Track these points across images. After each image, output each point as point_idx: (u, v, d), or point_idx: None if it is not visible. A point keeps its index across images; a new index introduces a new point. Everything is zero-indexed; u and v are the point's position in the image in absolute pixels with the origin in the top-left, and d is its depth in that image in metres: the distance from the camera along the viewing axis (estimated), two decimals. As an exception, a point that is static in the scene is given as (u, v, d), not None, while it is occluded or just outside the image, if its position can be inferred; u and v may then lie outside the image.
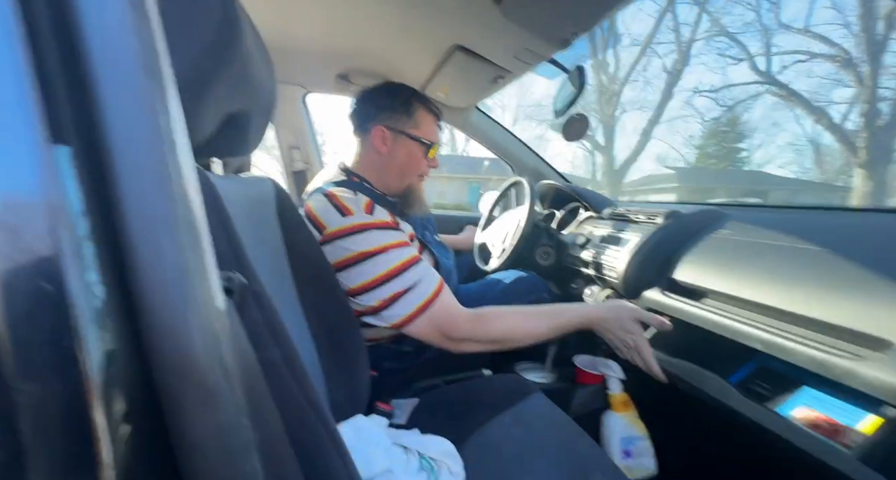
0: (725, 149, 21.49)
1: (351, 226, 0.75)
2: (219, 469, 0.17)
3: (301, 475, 0.28)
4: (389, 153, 0.89)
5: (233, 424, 0.17)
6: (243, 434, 0.17)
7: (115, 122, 0.15)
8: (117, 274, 0.15)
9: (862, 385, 0.48)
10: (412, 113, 0.89)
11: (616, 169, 18.17)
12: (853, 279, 0.55)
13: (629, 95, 20.03)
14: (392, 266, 0.75)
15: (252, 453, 0.18)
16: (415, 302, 0.76)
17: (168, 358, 0.15)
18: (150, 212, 0.14)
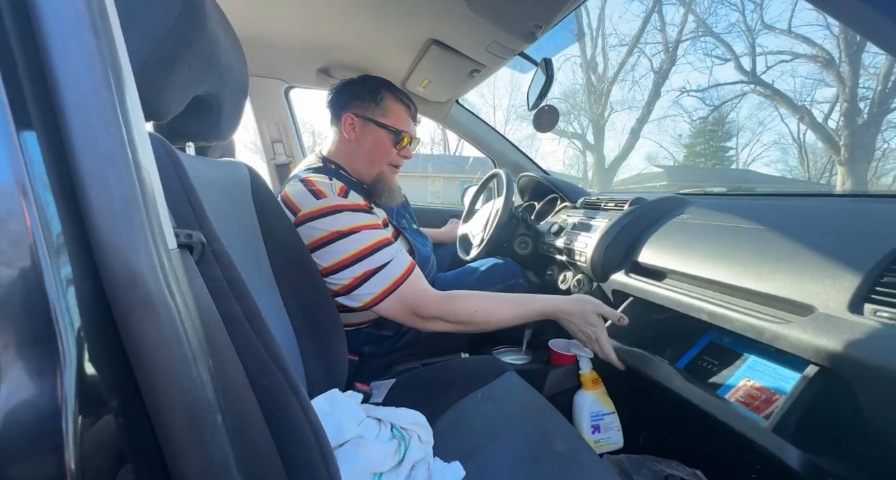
0: (713, 148, 21.84)
1: (324, 207, 0.78)
2: (164, 375, 0.20)
3: (260, 411, 0.31)
4: (357, 140, 0.93)
5: (176, 335, 0.20)
6: (184, 346, 0.20)
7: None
8: (72, 207, 0.18)
9: (788, 346, 0.52)
10: (380, 101, 0.92)
11: (606, 167, 18.36)
12: (786, 254, 0.60)
13: (618, 95, 20.26)
14: (363, 246, 0.78)
15: (198, 363, 0.21)
16: (384, 282, 0.79)
17: (117, 274, 0.18)
18: (99, 151, 0.17)
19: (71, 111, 0.17)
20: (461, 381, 0.85)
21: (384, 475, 0.57)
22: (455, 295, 0.84)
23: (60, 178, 0.17)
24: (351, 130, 0.92)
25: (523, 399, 0.80)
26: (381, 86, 0.94)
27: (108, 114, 0.18)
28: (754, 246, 0.66)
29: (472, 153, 20.61)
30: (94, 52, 0.18)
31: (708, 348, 0.76)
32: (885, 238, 0.52)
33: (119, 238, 0.18)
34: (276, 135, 1.49)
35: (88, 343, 0.17)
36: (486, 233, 1.25)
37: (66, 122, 0.17)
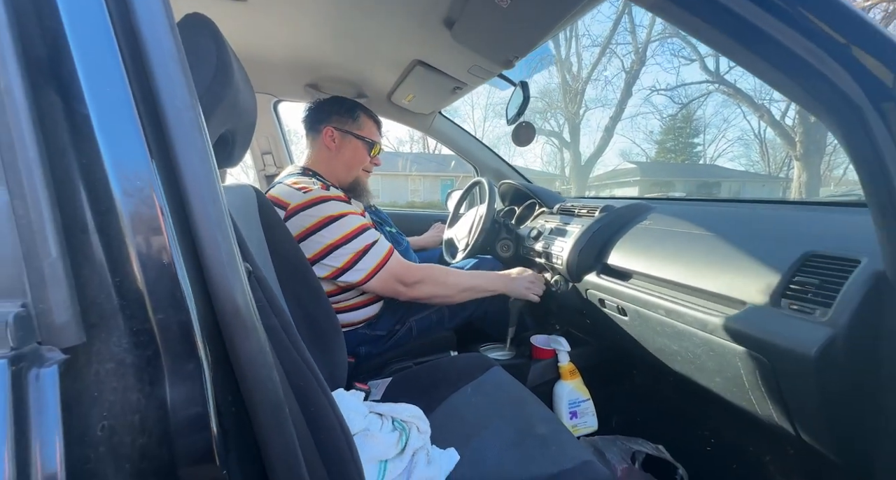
0: (682, 144, 22.73)
1: (312, 198, 0.91)
2: (256, 380, 0.27)
3: (298, 407, 0.38)
4: (337, 149, 1.07)
5: (262, 349, 0.27)
6: (268, 357, 0.27)
7: (180, 142, 0.25)
8: (192, 256, 0.25)
9: (725, 336, 0.63)
10: (356, 117, 1.08)
11: (582, 164, 18.82)
12: (726, 256, 0.71)
13: (592, 94, 20.77)
14: (352, 227, 0.92)
15: (273, 371, 0.29)
16: (375, 258, 0.94)
17: (224, 305, 0.25)
18: (209, 216, 0.24)
19: (188, 181, 0.24)
20: (452, 377, 0.93)
21: (389, 461, 0.65)
22: (430, 264, 1.06)
23: (184, 238, 0.24)
24: (331, 141, 1.06)
25: (509, 391, 0.89)
26: (356, 105, 1.10)
27: (214, 187, 0.25)
28: (703, 249, 0.77)
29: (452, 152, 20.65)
30: (197, 120, 0.25)
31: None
32: (799, 242, 0.63)
33: (226, 280, 0.25)
34: (265, 147, 1.53)
35: (213, 356, 0.24)
36: (471, 238, 1.34)
37: (189, 196, 0.24)
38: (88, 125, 0.21)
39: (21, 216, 0.18)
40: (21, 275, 0.18)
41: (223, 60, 0.46)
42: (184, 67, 0.26)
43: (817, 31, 0.44)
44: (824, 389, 0.52)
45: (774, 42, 0.45)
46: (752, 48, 0.47)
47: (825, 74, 0.45)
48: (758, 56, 0.47)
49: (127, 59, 0.23)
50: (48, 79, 0.21)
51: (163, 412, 0.22)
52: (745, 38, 0.46)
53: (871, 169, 0.47)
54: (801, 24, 0.44)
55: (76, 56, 0.22)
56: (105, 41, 0.22)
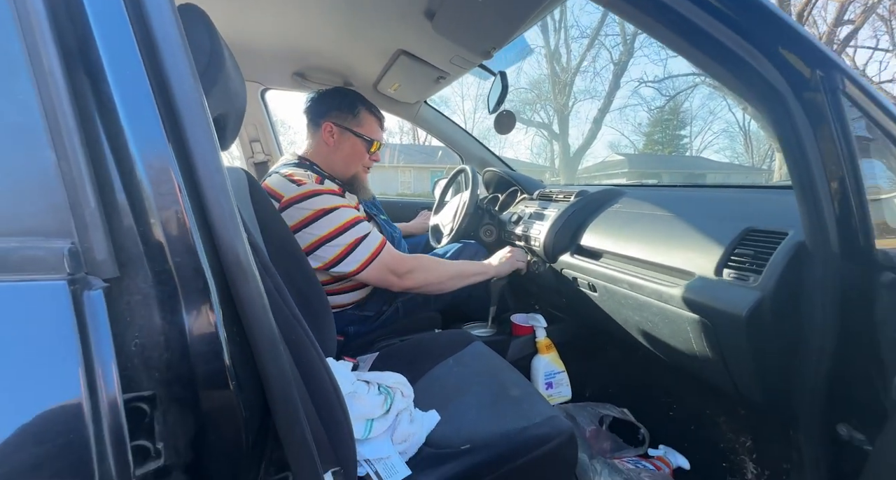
0: (669, 136, 23.00)
1: (306, 191, 0.93)
2: (254, 316, 0.32)
3: (291, 358, 0.44)
4: (336, 145, 1.06)
5: (259, 292, 0.32)
6: (263, 299, 0.33)
7: (182, 100, 0.29)
8: (200, 215, 0.30)
9: (677, 303, 0.70)
10: (357, 113, 1.07)
11: (571, 156, 18.96)
12: (681, 234, 0.78)
13: (581, 85, 20.80)
14: (345, 219, 0.95)
15: (269, 313, 0.34)
16: (368, 250, 0.97)
17: (227, 254, 0.30)
18: (214, 181, 0.30)
19: (197, 161, 0.29)
20: (435, 351, 0.99)
21: (375, 420, 0.71)
22: (419, 255, 1.09)
23: (193, 197, 0.29)
24: (329, 137, 1.06)
25: (488, 362, 0.95)
26: (357, 100, 1.08)
27: (217, 155, 0.30)
28: (663, 228, 0.84)
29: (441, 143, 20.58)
30: (200, 98, 0.30)
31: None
32: (742, 220, 0.70)
33: (228, 233, 0.30)
34: (253, 135, 1.55)
35: (220, 295, 0.29)
36: (455, 224, 1.39)
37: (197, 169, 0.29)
38: (111, 100, 0.26)
39: (66, 173, 0.23)
40: (69, 220, 0.23)
41: (216, 49, 0.50)
42: (187, 53, 0.30)
43: (750, 32, 0.50)
44: (754, 345, 0.60)
45: (714, 40, 0.51)
46: (696, 45, 0.53)
47: (756, 68, 0.52)
48: (700, 51, 0.53)
49: (141, 47, 0.28)
50: (79, 63, 0.26)
51: (183, 337, 0.27)
52: (689, 36, 0.52)
53: (792, 151, 0.54)
54: (737, 25, 0.50)
55: (100, 45, 0.26)
56: (123, 31, 0.27)
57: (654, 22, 0.52)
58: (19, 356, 0.21)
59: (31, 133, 0.23)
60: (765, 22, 0.50)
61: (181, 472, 0.27)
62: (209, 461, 0.29)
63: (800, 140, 0.53)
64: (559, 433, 0.64)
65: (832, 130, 0.51)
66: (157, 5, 0.28)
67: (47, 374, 0.21)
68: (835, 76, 0.51)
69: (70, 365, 0.21)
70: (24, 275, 0.21)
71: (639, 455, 0.93)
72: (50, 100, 0.23)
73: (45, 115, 0.23)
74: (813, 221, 0.54)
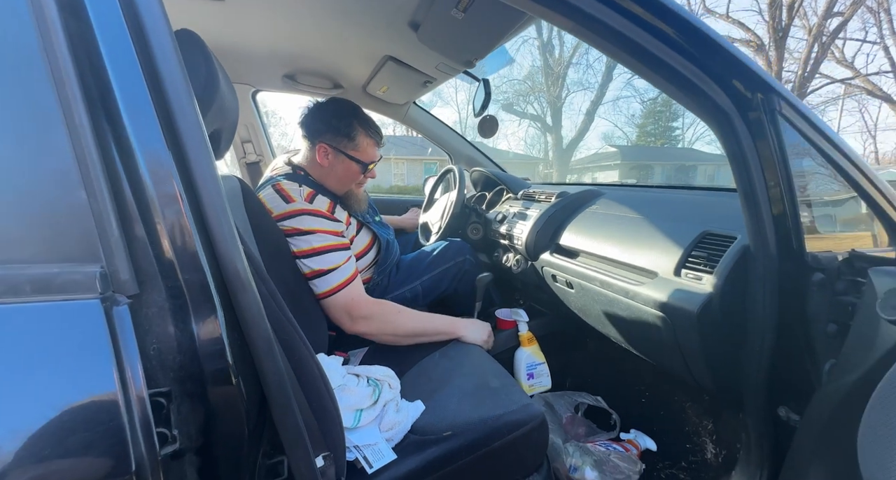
0: (661, 128, 23.09)
1: (291, 210, 0.96)
2: (252, 324, 0.38)
3: (283, 351, 0.49)
4: (330, 166, 1.06)
5: (255, 301, 0.38)
6: (260, 308, 0.38)
7: (187, 137, 0.34)
8: (202, 228, 0.35)
9: (642, 301, 0.76)
10: (353, 136, 1.04)
11: (564, 148, 18.99)
12: (647, 236, 0.84)
13: (574, 77, 20.73)
14: (314, 246, 0.95)
15: (264, 319, 0.39)
16: (328, 284, 0.96)
17: (227, 269, 0.36)
18: (214, 204, 0.35)
19: (199, 182, 0.34)
20: (423, 346, 1.05)
21: (364, 410, 0.77)
22: (383, 302, 1.03)
23: (198, 220, 0.34)
24: (324, 158, 1.05)
25: (471, 355, 1.02)
26: (354, 118, 1.04)
27: (217, 180, 0.35)
28: (633, 230, 0.91)
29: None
30: (198, 119, 0.35)
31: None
32: (701, 223, 0.76)
33: (228, 251, 0.35)
34: (245, 136, 1.58)
35: (222, 305, 0.34)
36: (443, 222, 1.45)
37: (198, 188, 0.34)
38: (130, 145, 0.31)
39: (94, 208, 0.28)
40: (98, 248, 0.28)
41: (211, 72, 0.54)
42: (185, 77, 0.35)
43: (702, 62, 0.56)
44: (705, 338, 0.67)
45: (671, 67, 0.56)
46: (656, 71, 0.58)
47: (706, 92, 0.57)
48: (660, 76, 0.59)
49: (154, 95, 0.32)
50: (101, 112, 0.31)
51: (192, 341, 0.32)
52: (651, 63, 0.57)
53: (737, 163, 0.60)
54: (691, 56, 0.55)
55: (119, 96, 0.31)
56: (138, 84, 0.31)
57: (618, 50, 0.57)
58: (68, 360, 0.26)
59: (66, 176, 0.28)
60: (714, 53, 0.55)
61: (193, 454, 0.32)
62: (216, 445, 0.34)
63: (744, 153, 0.59)
64: (532, 418, 0.71)
65: (770, 145, 0.57)
66: (159, 35, 0.33)
67: (89, 374, 0.26)
68: (773, 98, 0.56)
69: (106, 367, 0.26)
70: (67, 296, 0.26)
71: (611, 438, 1.01)
72: (81, 148, 0.28)
73: (76, 161, 0.28)
74: (755, 226, 0.61)
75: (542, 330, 1.27)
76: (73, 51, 0.28)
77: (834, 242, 0.68)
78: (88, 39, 0.30)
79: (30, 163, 0.27)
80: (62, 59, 0.28)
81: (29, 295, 0.26)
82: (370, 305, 1.00)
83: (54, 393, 0.26)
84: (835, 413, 0.49)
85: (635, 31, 0.54)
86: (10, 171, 0.27)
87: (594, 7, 0.51)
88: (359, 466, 0.68)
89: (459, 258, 1.30)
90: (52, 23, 0.27)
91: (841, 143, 0.59)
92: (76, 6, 0.29)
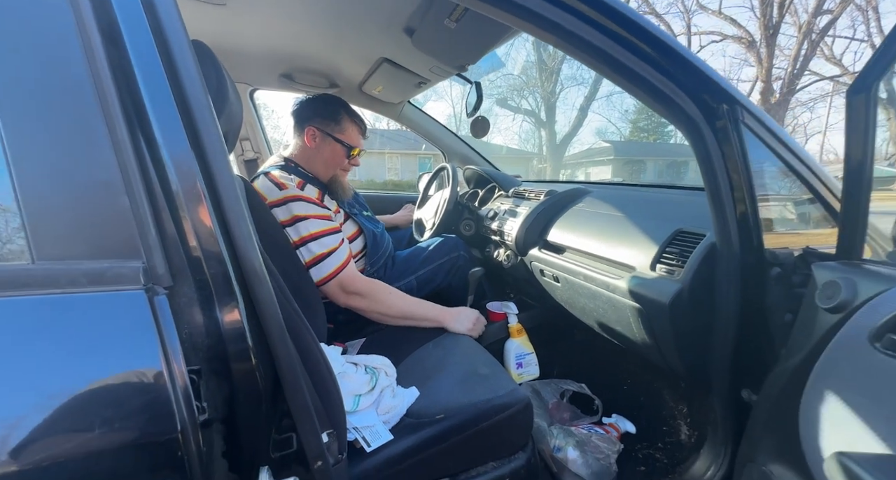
0: (654, 123, 23.22)
1: (285, 196, 1.02)
2: (266, 311, 0.42)
3: (291, 339, 0.54)
4: (317, 149, 1.14)
5: (270, 293, 0.42)
6: (273, 299, 0.43)
7: (210, 149, 0.39)
8: (222, 223, 0.40)
9: (621, 294, 0.82)
10: (339, 120, 1.14)
11: (558, 143, 19.06)
12: (629, 233, 0.90)
13: (568, 72, 20.73)
14: (312, 231, 1.02)
15: (277, 308, 0.44)
16: (330, 267, 1.04)
17: (245, 264, 0.40)
18: (233, 206, 0.39)
19: (221, 188, 0.39)
20: (417, 336, 1.11)
21: (362, 396, 0.83)
22: (376, 281, 1.12)
23: (220, 220, 0.39)
24: (312, 140, 1.14)
25: (464, 346, 1.07)
26: (341, 107, 1.15)
27: (236, 195, 0.40)
28: (615, 227, 0.97)
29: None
30: (215, 124, 0.40)
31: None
32: (676, 221, 0.82)
33: (246, 249, 0.40)
34: (243, 134, 1.61)
35: (241, 294, 0.39)
36: (437, 219, 1.50)
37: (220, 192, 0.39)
38: (161, 157, 0.36)
39: (135, 212, 0.33)
40: (139, 247, 0.33)
41: (221, 82, 0.58)
42: (207, 95, 0.40)
43: (674, 75, 0.61)
44: (676, 328, 0.73)
45: (646, 80, 0.62)
46: (633, 82, 0.63)
47: (677, 102, 0.63)
48: (637, 88, 0.64)
49: (181, 111, 0.37)
50: (137, 127, 0.35)
51: (217, 327, 0.37)
52: (628, 76, 0.63)
53: (705, 166, 0.65)
54: (664, 70, 0.61)
55: (150, 111, 0.36)
56: (168, 104, 0.36)
57: (598, 64, 0.62)
58: (124, 340, 0.31)
59: (112, 186, 0.32)
60: (685, 68, 0.61)
61: (219, 423, 0.37)
62: (238, 416, 0.39)
63: (711, 158, 0.64)
64: (517, 401, 0.77)
65: (734, 151, 0.63)
66: (181, 49, 0.37)
67: (140, 353, 0.31)
68: (737, 109, 0.62)
69: (153, 347, 0.31)
70: (118, 287, 0.31)
71: (593, 422, 1.07)
72: (123, 160, 0.32)
73: (120, 172, 0.32)
74: (720, 225, 0.67)
75: (530, 322, 1.33)
76: (115, 76, 0.33)
77: (792, 239, 0.74)
78: (125, 64, 0.34)
79: (82, 174, 0.32)
80: (106, 82, 0.32)
81: (86, 286, 0.30)
82: (364, 282, 1.09)
83: (115, 366, 0.31)
84: (782, 392, 0.56)
85: (614, 47, 0.59)
86: (66, 181, 0.31)
87: (575, 25, 0.56)
88: (358, 446, 0.73)
89: (454, 253, 1.35)
90: (97, 51, 0.32)
91: (797, 148, 0.65)
92: (115, 36, 0.33)
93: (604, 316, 0.94)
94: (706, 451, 0.82)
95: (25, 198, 0.30)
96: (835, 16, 10.79)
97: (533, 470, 0.77)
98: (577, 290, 1.01)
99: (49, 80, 0.31)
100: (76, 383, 0.29)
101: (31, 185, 0.30)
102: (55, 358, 0.29)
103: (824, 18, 10.94)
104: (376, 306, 1.09)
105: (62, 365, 0.29)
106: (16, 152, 0.30)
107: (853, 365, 0.45)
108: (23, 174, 0.30)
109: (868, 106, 0.46)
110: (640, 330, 0.82)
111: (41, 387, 0.29)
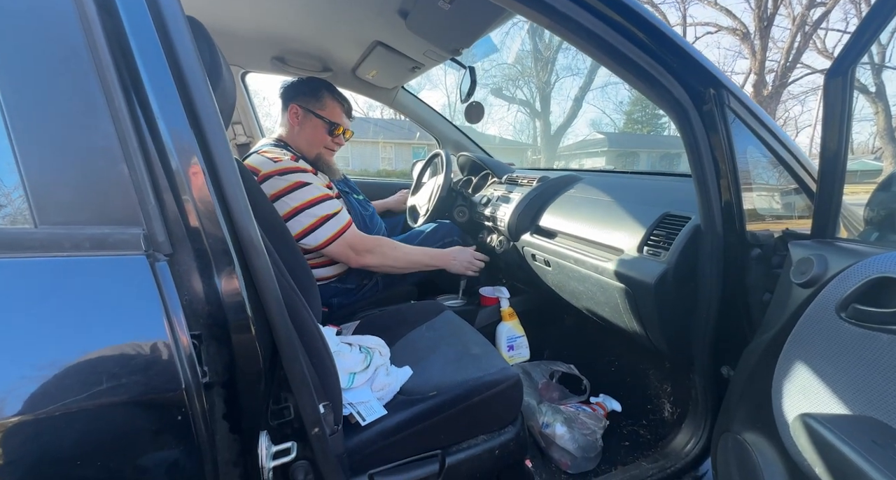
0: (648, 115, 23.27)
1: (281, 167, 1.05)
2: (263, 282, 0.44)
3: (287, 312, 0.56)
4: (299, 125, 1.17)
5: (266, 264, 0.44)
6: (270, 270, 0.44)
7: (205, 119, 0.39)
8: (223, 202, 0.41)
9: (608, 275, 0.85)
10: (321, 98, 1.17)
11: (552, 134, 19.02)
12: (618, 217, 0.92)
13: (563, 62, 20.58)
14: (314, 196, 1.06)
15: (273, 280, 0.45)
16: (335, 227, 1.09)
17: (242, 235, 0.41)
18: (230, 177, 0.40)
19: (220, 165, 0.40)
20: (410, 319, 1.13)
21: (357, 373, 0.85)
22: (381, 237, 1.20)
23: (219, 196, 0.40)
24: (294, 118, 1.17)
25: (456, 327, 1.10)
26: (323, 86, 1.18)
27: (234, 169, 0.41)
28: (604, 212, 0.99)
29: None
30: (212, 99, 0.40)
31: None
32: (663, 205, 0.84)
33: (243, 220, 0.41)
34: (235, 118, 1.59)
35: (239, 263, 0.40)
36: (431, 205, 1.51)
37: (219, 170, 0.39)
38: (157, 128, 0.36)
39: (134, 181, 0.33)
40: (139, 214, 0.34)
41: (215, 59, 0.58)
42: (201, 66, 0.40)
43: (661, 57, 0.62)
44: (660, 306, 0.76)
45: (635, 63, 0.63)
46: (622, 65, 0.64)
47: (665, 85, 0.64)
48: (627, 71, 0.65)
49: (171, 68, 0.37)
50: (134, 98, 0.35)
51: (217, 295, 0.38)
52: (618, 59, 0.64)
53: (692, 150, 0.67)
54: (652, 52, 0.62)
55: (147, 84, 0.36)
56: (164, 75, 0.36)
57: (589, 46, 0.63)
58: (128, 303, 0.32)
59: (111, 153, 0.33)
60: (672, 50, 0.62)
61: (220, 387, 0.39)
62: (238, 381, 0.41)
63: (697, 143, 0.66)
64: (507, 378, 0.80)
65: (720, 135, 0.65)
66: (180, 32, 0.38)
67: (145, 317, 0.32)
68: (723, 93, 0.64)
69: (156, 309, 0.32)
70: (120, 252, 0.32)
71: (581, 401, 1.11)
72: (121, 128, 0.33)
73: (118, 140, 0.33)
74: (705, 207, 0.69)
75: (522, 306, 1.36)
76: (110, 45, 0.33)
77: (775, 223, 0.77)
78: (121, 34, 0.34)
79: (82, 141, 0.32)
80: (102, 52, 0.32)
81: (89, 250, 0.31)
82: (371, 240, 1.16)
83: (120, 326, 0.32)
84: (757, 365, 0.59)
85: (605, 30, 0.60)
86: (67, 149, 0.32)
87: (567, 6, 0.57)
88: (353, 420, 0.75)
89: (448, 239, 1.37)
90: (92, 21, 0.32)
91: (778, 132, 0.67)
92: (108, 4, 0.34)
93: (592, 298, 0.97)
94: (687, 425, 0.86)
95: (26, 164, 0.31)
96: (828, 8, 10.82)
97: (521, 443, 0.80)
98: (567, 273, 1.04)
99: (47, 48, 0.32)
100: (85, 341, 0.30)
101: (31, 151, 0.31)
102: (65, 316, 0.30)
103: (819, 11, 10.98)
104: (386, 260, 1.16)
105: (72, 323, 0.30)
106: (15, 119, 0.31)
107: (821, 335, 0.48)
108: (22, 139, 0.31)
109: (845, 89, 0.48)
110: (626, 310, 0.85)
111: (54, 344, 0.30)
